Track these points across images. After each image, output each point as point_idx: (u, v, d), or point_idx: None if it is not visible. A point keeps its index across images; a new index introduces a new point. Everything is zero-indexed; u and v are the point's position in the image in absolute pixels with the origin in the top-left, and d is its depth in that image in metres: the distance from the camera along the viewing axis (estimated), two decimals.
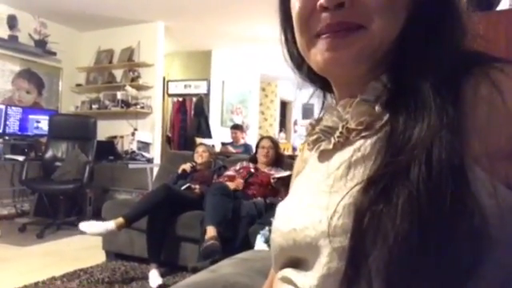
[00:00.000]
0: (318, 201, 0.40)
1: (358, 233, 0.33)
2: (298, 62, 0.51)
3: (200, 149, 3.27)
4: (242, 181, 2.80)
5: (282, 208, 0.47)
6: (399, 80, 0.39)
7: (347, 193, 0.36)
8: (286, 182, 2.66)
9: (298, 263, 0.42)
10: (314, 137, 0.47)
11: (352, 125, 0.41)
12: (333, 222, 0.36)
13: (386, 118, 0.39)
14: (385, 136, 0.37)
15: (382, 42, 0.39)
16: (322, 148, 0.45)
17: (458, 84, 0.36)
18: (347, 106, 0.43)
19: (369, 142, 0.39)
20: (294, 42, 0.47)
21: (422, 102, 0.35)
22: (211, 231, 2.23)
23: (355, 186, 0.36)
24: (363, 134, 0.40)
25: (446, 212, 0.30)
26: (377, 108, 0.40)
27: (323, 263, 0.36)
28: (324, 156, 0.45)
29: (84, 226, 2.24)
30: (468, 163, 0.32)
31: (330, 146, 0.43)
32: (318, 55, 0.41)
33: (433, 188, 0.31)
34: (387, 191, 0.33)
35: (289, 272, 0.43)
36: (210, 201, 2.43)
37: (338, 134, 0.43)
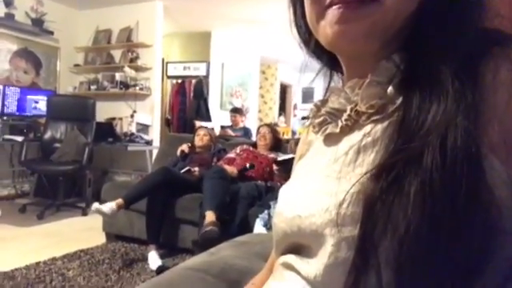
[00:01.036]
0: (324, 186, 0.39)
1: (368, 222, 0.32)
2: (306, 36, 0.48)
3: (201, 132, 3.27)
4: (236, 171, 2.79)
5: (286, 192, 0.46)
6: (413, 60, 0.37)
7: (357, 181, 0.34)
8: (289, 167, 2.66)
9: (301, 249, 0.41)
10: (320, 119, 0.45)
11: (362, 108, 0.39)
12: (341, 211, 0.35)
13: (398, 101, 0.37)
14: (397, 120, 0.35)
15: (395, 18, 0.37)
16: (328, 131, 0.43)
17: (477, 65, 0.34)
18: (356, 88, 0.40)
19: (380, 126, 0.37)
20: (303, 16, 0.44)
21: (439, 86, 0.33)
22: (210, 216, 2.24)
23: (365, 173, 0.34)
24: (374, 118, 0.38)
25: (459, 203, 0.29)
26: (389, 90, 0.38)
27: (329, 252, 0.35)
28: (330, 140, 0.43)
29: (95, 205, 2.28)
30: (484, 152, 0.30)
31: (337, 130, 0.41)
32: (327, 28, 0.39)
33: (446, 177, 0.29)
34: (399, 179, 0.31)
35: (291, 258, 0.42)
36: (208, 185, 2.43)
37: (345, 116, 0.41)
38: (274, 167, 2.76)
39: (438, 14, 0.36)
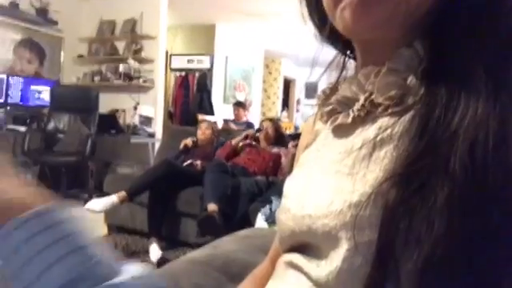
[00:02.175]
0: (334, 183, 0.36)
1: (388, 232, 0.29)
2: (320, 20, 0.44)
3: (203, 125, 3.27)
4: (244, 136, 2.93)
5: (292, 186, 0.43)
6: (439, 50, 0.33)
7: (378, 188, 0.31)
8: None
9: (308, 249, 0.39)
10: (329, 108, 0.41)
11: (379, 98, 0.36)
12: (358, 213, 0.32)
13: (421, 92, 0.33)
14: (419, 116, 0.32)
15: (421, 2, 0.34)
16: (338, 121, 0.40)
17: (511, 58, 0.30)
18: (372, 76, 0.37)
19: (398, 119, 0.34)
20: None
21: (469, 83, 0.30)
22: (212, 207, 2.25)
23: (385, 180, 0.31)
24: (391, 110, 0.35)
25: (492, 219, 0.26)
26: (409, 80, 0.34)
27: (343, 256, 0.33)
28: (340, 131, 0.40)
29: (91, 204, 2.26)
30: None
31: (349, 120, 0.38)
32: (345, 12, 0.35)
33: (477, 190, 0.27)
34: (423, 188, 0.28)
35: (297, 258, 0.40)
36: (209, 178, 2.44)
37: (358, 106, 0.37)
38: (291, 143, 2.68)
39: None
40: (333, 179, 0.37)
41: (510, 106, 0.28)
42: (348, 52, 0.47)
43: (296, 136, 2.36)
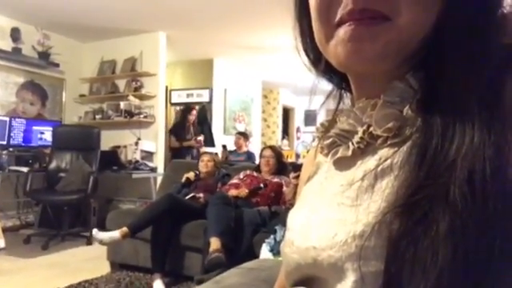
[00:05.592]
0: (338, 215, 0.36)
1: (393, 263, 0.29)
2: (315, 56, 0.45)
3: (205, 158, 3.27)
4: (246, 190, 2.79)
5: (295, 219, 0.43)
6: (432, 82, 0.34)
7: (383, 217, 0.32)
8: None
9: (314, 282, 0.38)
10: (329, 141, 0.42)
11: (378, 131, 0.36)
12: (363, 244, 0.32)
13: (417, 123, 0.34)
14: (416, 145, 0.33)
15: (411, 38, 0.35)
16: (339, 155, 0.40)
17: (502, 86, 0.31)
18: (368, 109, 0.38)
19: (397, 150, 0.35)
20: (311, 34, 0.42)
21: (463, 112, 0.30)
22: (215, 243, 2.22)
23: (388, 212, 0.31)
24: (390, 142, 0.36)
25: (494, 248, 0.26)
26: (405, 111, 0.35)
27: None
28: (341, 163, 0.41)
29: (99, 235, 2.32)
30: None
31: (349, 153, 0.39)
32: (338, 47, 0.36)
33: (477, 217, 0.27)
34: (425, 218, 0.29)
35: None
36: (212, 211, 2.41)
37: (358, 139, 0.38)
38: (292, 175, 2.63)
39: (459, 31, 0.33)
40: (336, 211, 0.37)
41: (504, 134, 0.29)
42: (344, 85, 0.47)
43: (297, 167, 2.34)
